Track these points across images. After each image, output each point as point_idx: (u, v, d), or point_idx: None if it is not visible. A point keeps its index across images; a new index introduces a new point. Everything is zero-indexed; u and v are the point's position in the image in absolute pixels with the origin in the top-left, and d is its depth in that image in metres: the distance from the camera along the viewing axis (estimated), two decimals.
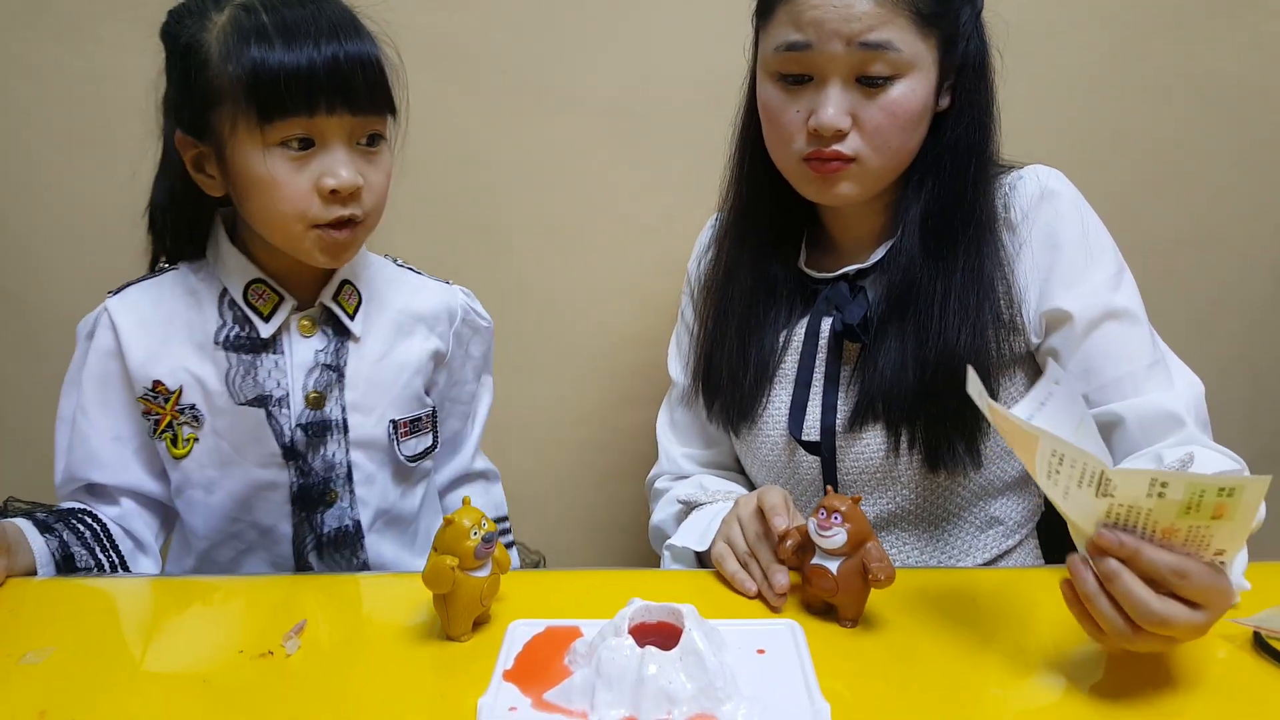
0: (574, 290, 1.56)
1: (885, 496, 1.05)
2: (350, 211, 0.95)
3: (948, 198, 1.00)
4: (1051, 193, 1.01)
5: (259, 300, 1.01)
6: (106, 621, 0.84)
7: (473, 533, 0.76)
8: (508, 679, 0.72)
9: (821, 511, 0.79)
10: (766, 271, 1.09)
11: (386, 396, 1.07)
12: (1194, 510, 0.64)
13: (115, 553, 1.02)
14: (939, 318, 0.98)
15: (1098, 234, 1.02)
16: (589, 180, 1.51)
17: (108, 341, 1.02)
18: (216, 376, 1.01)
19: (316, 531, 1.05)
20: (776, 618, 0.80)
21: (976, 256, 0.99)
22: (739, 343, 1.09)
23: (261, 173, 0.92)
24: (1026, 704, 0.70)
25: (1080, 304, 0.98)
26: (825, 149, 0.97)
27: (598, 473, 1.62)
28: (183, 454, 1.02)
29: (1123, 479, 0.65)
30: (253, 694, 0.72)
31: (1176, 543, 0.66)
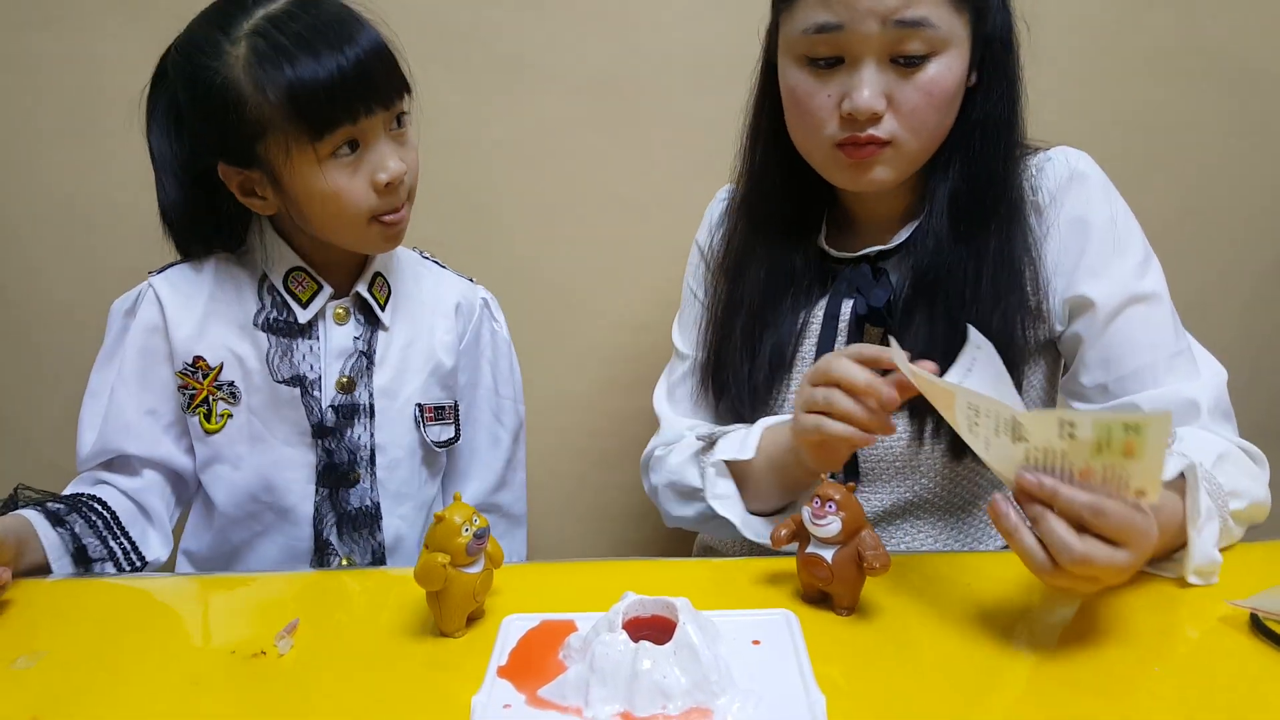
0: (565, 274, 1.55)
1: (906, 485, 1.03)
2: (400, 198, 1.01)
3: (978, 176, 0.97)
4: (1080, 175, 0.99)
5: (298, 287, 1.05)
6: (100, 623, 0.84)
7: (464, 529, 0.75)
8: (502, 675, 0.72)
9: (815, 500, 0.78)
10: (783, 261, 1.06)
11: (412, 383, 1.11)
12: (1105, 449, 0.66)
13: (126, 538, 1.03)
14: (971, 301, 0.95)
15: (1125, 220, 1.00)
16: (580, 161, 1.50)
17: (152, 317, 1.05)
18: (256, 356, 1.04)
19: (339, 510, 1.08)
20: (771, 608, 0.79)
21: (1006, 238, 0.97)
22: (747, 339, 1.06)
23: (323, 187, 0.96)
24: (1023, 689, 0.70)
25: (1105, 292, 0.97)
26: (860, 134, 0.93)
27: (591, 458, 1.62)
28: (216, 429, 1.05)
29: (1033, 422, 0.68)
30: (245, 695, 0.71)
31: (1095, 483, 0.68)
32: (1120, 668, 0.71)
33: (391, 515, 1.12)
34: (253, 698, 0.71)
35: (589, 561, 0.94)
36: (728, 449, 1.02)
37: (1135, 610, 0.79)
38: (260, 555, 1.09)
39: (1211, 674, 0.70)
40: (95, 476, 1.06)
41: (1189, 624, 0.77)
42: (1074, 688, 0.69)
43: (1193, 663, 0.72)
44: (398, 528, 1.12)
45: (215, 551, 1.11)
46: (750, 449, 0.99)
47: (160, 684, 0.73)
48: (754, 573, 0.88)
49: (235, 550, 1.10)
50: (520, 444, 1.27)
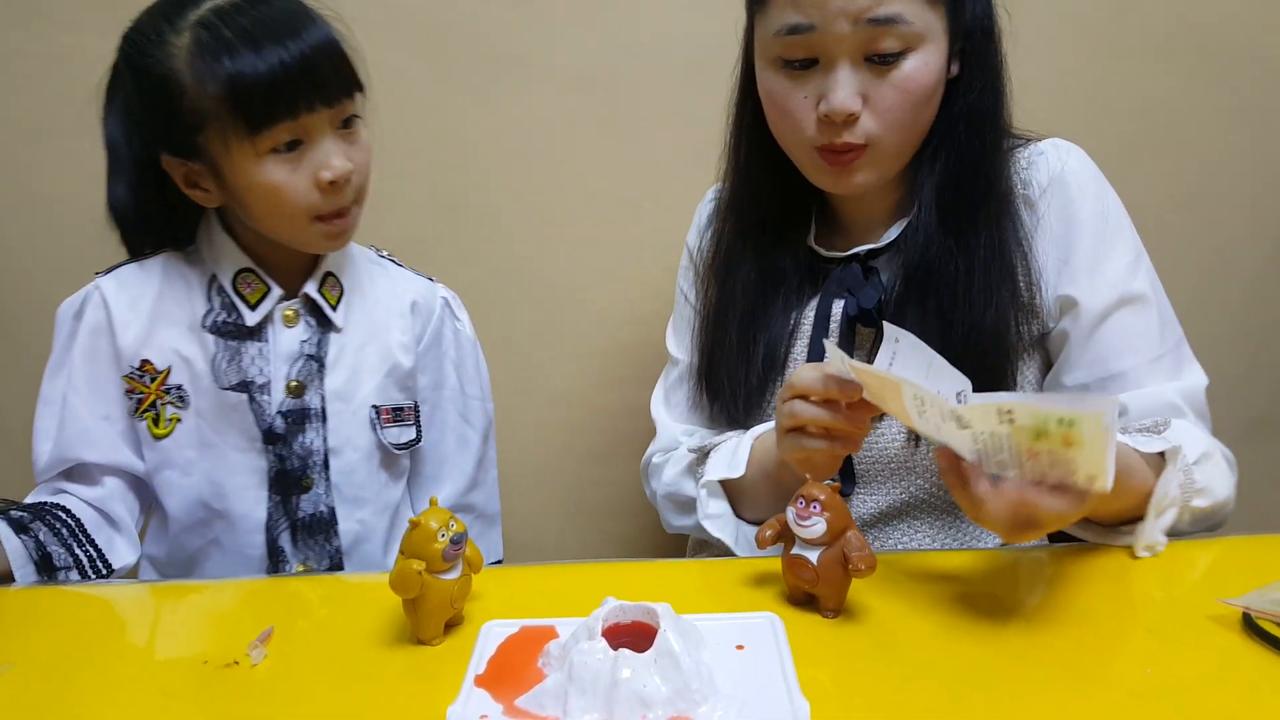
0: (555, 270, 1.53)
1: (901, 486, 1.02)
2: (347, 198, 0.99)
3: (964, 169, 0.96)
4: (1073, 170, 0.98)
5: (247, 289, 1.03)
6: (68, 633, 0.82)
7: (440, 534, 0.73)
8: (479, 684, 0.70)
9: (800, 501, 0.77)
10: (772, 264, 1.05)
11: (368, 385, 1.09)
12: (1044, 437, 0.67)
13: (91, 546, 1.01)
14: (963, 298, 0.94)
15: (1117, 216, 0.99)
16: (570, 156, 1.48)
17: (98, 319, 1.03)
18: (203, 359, 1.02)
19: (291, 517, 1.06)
20: (755, 611, 0.78)
21: (997, 231, 0.95)
22: (740, 342, 1.05)
23: (261, 181, 0.95)
24: (1012, 692, 0.68)
25: (1094, 293, 0.96)
26: (837, 140, 0.92)
27: (580, 454, 1.60)
28: (164, 434, 1.03)
29: (973, 414, 0.69)
30: (217, 707, 0.70)
31: (1043, 464, 0.68)
32: (1111, 669, 0.70)
33: (349, 519, 1.09)
34: (227, 709, 0.69)
35: (570, 564, 0.93)
36: (718, 467, 1.01)
37: (1126, 610, 0.78)
38: (215, 563, 1.07)
39: (1203, 675, 0.69)
40: (55, 486, 1.04)
41: (1180, 623, 0.75)
42: (1064, 690, 0.68)
43: (1184, 664, 0.70)
44: (356, 531, 1.10)
45: (172, 558, 1.09)
46: (740, 465, 0.98)
47: (132, 696, 0.71)
48: (738, 574, 0.86)
49: (191, 558, 1.08)
50: (490, 443, 1.26)
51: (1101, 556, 0.89)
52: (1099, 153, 1.01)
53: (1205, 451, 0.91)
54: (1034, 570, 0.86)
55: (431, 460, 1.20)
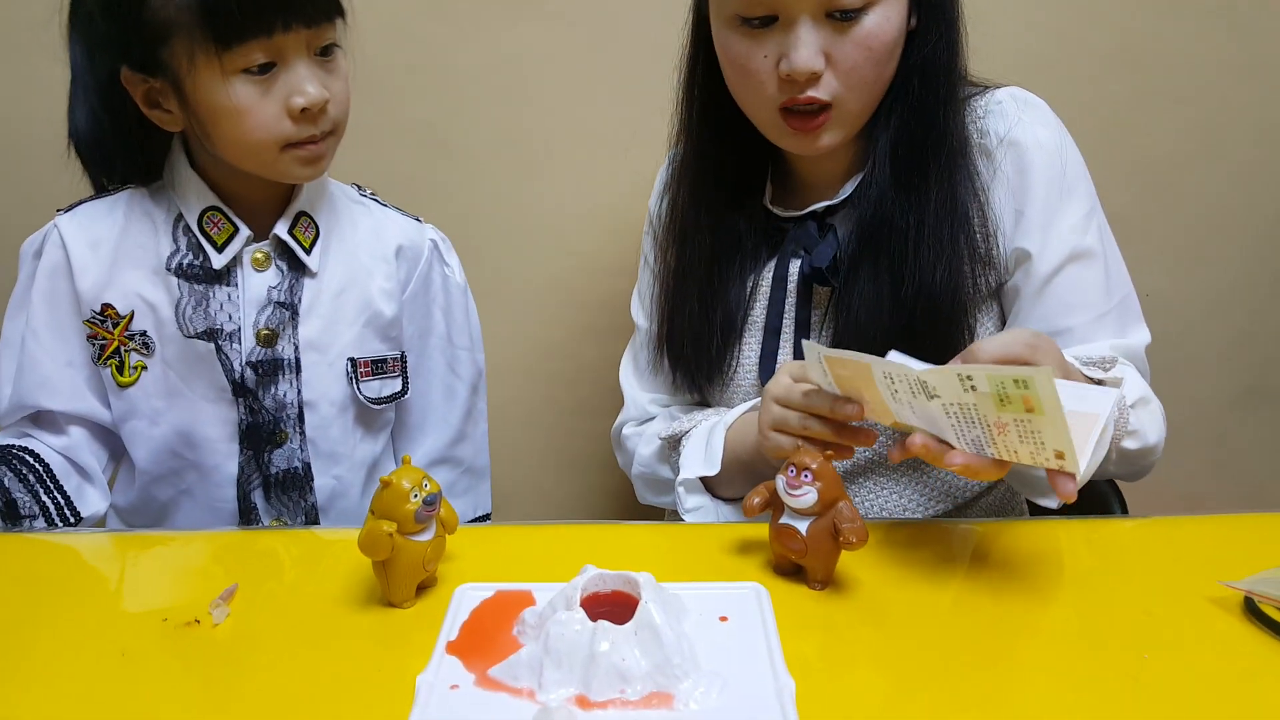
0: (537, 213, 1.48)
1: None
2: (321, 129, 0.93)
3: (917, 123, 0.94)
4: (1031, 120, 0.96)
5: (213, 229, 0.97)
6: (24, 584, 0.79)
7: (413, 495, 0.70)
8: (451, 652, 0.67)
9: (791, 469, 0.73)
10: (727, 227, 1.02)
11: (345, 335, 1.03)
12: (1007, 403, 0.66)
13: (59, 492, 0.97)
14: (913, 254, 0.92)
15: (1075, 167, 0.97)
16: (557, 94, 1.42)
17: (57, 260, 0.97)
18: (169, 304, 0.96)
19: (264, 472, 1.02)
20: (740, 581, 0.75)
21: (949, 185, 0.93)
22: (700, 306, 1.02)
23: (227, 102, 0.89)
24: (1004, 673, 0.66)
25: (1047, 246, 0.94)
26: (800, 95, 0.89)
27: (562, 407, 1.57)
28: (129, 382, 0.98)
29: (937, 378, 0.68)
30: (174, 669, 0.66)
31: (1013, 438, 0.68)
32: (1107, 654, 0.67)
33: (324, 475, 1.05)
34: (184, 671, 0.66)
35: (549, 524, 0.90)
36: (693, 462, 0.99)
37: (1123, 590, 0.76)
38: (185, 515, 1.03)
39: (1203, 661, 0.66)
40: (22, 430, 1.00)
41: (1179, 606, 0.73)
42: (1058, 674, 0.65)
43: (1183, 649, 0.68)
44: (332, 488, 1.06)
45: (141, 508, 1.05)
46: (715, 461, 0.97)
47: (85, 654, 0.68)
48: (724, 541, 0.83)
49: (162, 508, 1.04)
50: (480, 395, 1.20)
51: (1098, 531, 0.86)
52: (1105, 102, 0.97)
53: (1142, 396, 0.91)
54: (1029, 546, 0.84)
55: (416, 410, 1.15)
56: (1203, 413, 1.61)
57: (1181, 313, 1.53)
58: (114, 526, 1.06)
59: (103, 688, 0.64)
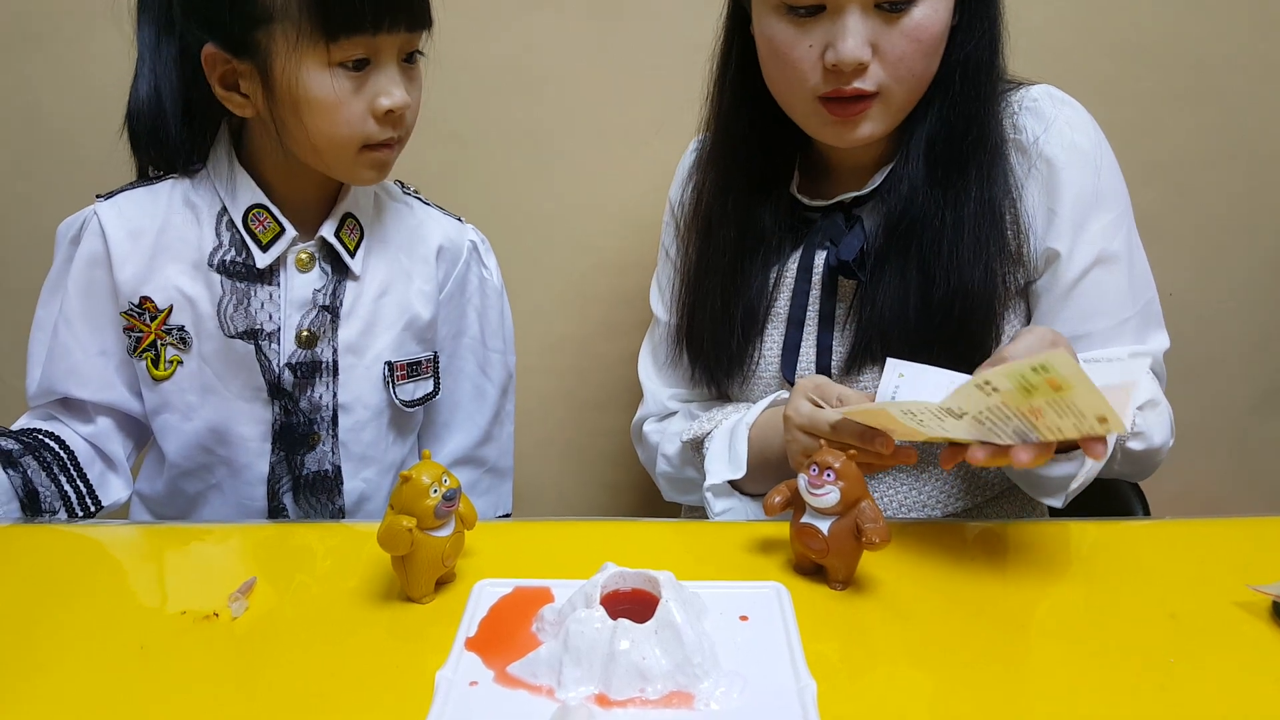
0: (552, 206, 1.47)
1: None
2: (398, 132, 0.93)
3: (957, 120, 0.93)
4: (1066, 120, 0.95)
5: (259, 228, 0.95)
6: (44, 576, 0.79)
7: (432, 490, 0.69)
8: (470, 648, 0.67)
9: (813, 467, 0.73)
10: (753, 217, 1.01)
11: (383, 339, 1.02)
12: (1034, 390, 0.66)
13: (82, 481, 0.97)
14: (948, 252, 0.91)
15: (1109, 170, 0.96)
16: (569, 84, 1.41)
17: (95, 249, 0.96)
18: (209, 300, 0.95)
19: (295, 473, 1.01)
20: (761, 580, 0.74)
21: (988, 185, 0.92)
22: (723, 301, 1.01)
23: (323, 94, 0.88)
24: (1026, 677, 0.65)
25: (1076, 249, 0.94)
26: (845, 87, 0.88)
27: (576, 401, 1.56)
28: (164, 376, 0.97)
29: (958, 400, 0.69)
30: (192, 663, 0.66)
31: (1052, 419, 0.68)
32: (1132, 658, 0.66)
33: (354, 478, 1.04)
34: (202, 665, 0.66)
35: (567, 521, 0.89)
36: (718, 466, 0.97)
37: (1148, 592, 0.75)
38: (213, 510, 1.03)
39: (1230, 666, 0.65)
40: (49, 413, 1.00)
41: (1205, 610, 0.72)
42: (1082, 678, 0.64)
43: (1210, 654, 0.67)
44: (360, 490, 1.05)
45: (169, 500, 1.04)
46: (741, 464, 0.95)
47: (103, 647, 0.68)
48: (744, 539, 0.83)
49: (189, 501, 1.03)
50: (509, 397, 1.19)
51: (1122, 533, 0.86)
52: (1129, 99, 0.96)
53: (1152, 399, 0.90)
54: (1052, 547, 0.83)
55: (444, 410, 1.14)
56: (1224, 414, 1.59)
57: (1202, 313, 1.52)
58: (140, 516, 1.06)
59: (122, 681, 0.64)
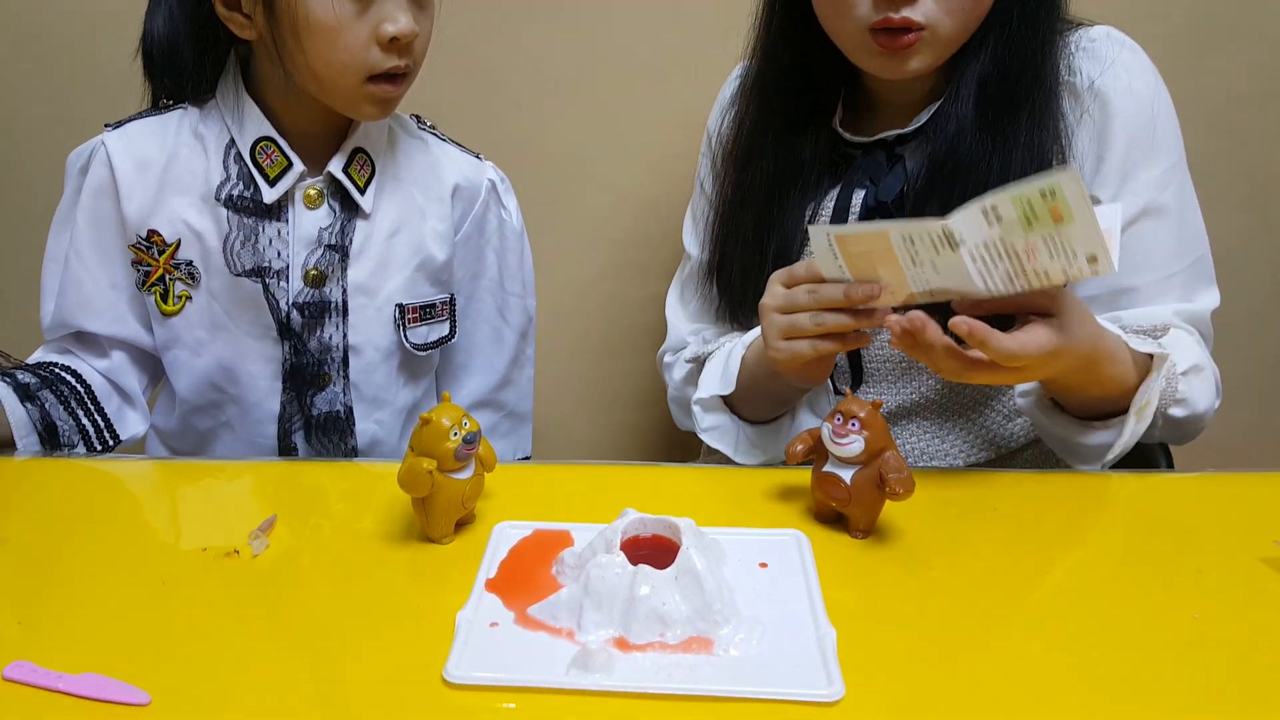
0: (577, 146, 1.44)
1: (910, 387, 0.98)
2: (404, 61, 0.90)
3: (1013, 60, 0.89)
4: (1124, 65, 0.91)
5: (266, 161, 0.94)
6: (66, 509, 0.79)
7: (453, 433, 0.69)
8: (490, 589, 0.67)
9: (838, 417, 0.72)
10: (793, 151, 0.98)
11: (395, 280, 1.00)
12: (1034, 220, 0.68)
13: (100, 415, 0.97)
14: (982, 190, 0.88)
15: (1165, 119, 0.92)
16: (591, 17, 1.37)
17: (103, 179, 0.95)
18: (216, 235, 0.94)
19: (305, 413, 1.01)
20: (781, 528, 0.74)
21: (1038, 129, 0.89)
22: (756, 234, 0.99)
23: (323, 16, 0.85)
24: (1046, 628, 0.65)
25: (1121, 199, 0.90)
26: (895, 15, 0.84)
27: (601, 345, 1.55)
28: (173, 311, 0.96)
29: (961, 222, 0.70)
30: (212, 599, 0.67)
31: (1043, 258, 0.70)
32: (1156, 613, 0.66)
33: (366, 420, 1.03)
34: (220, 603, 0.66)
35: (586, 465, 0.89)
36: (710, 382, 0.98)
37: (1173, 548, 0.74)
38: (225, 446, 1.02)
39: (1256, 623, 0.65)
40: (64, 347, 0.99)
41: (1231, 566, 0.71)
42: (1104, 633, 0.64)
43: (1236, 610, 0.66)
44: (373, 432, 1.04)
45: (181, 435, 1.04)
46: (731, 380, 0.95)
47: (126, 582, 0.68)
48: (764, 486, 0.82)
49: (201, 437, 1.03)
50: (529, 341, 1.17)
51: (1147, 487, 0.85)
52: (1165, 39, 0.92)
53: (1196, 364, 0.89)
54: (1076, 499, 0.82)
55: (462, 352, 1.13)
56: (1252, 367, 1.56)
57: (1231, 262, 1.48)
58: (156, 450, 1.07)
59: (143, 616, 0.65)
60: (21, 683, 0.58)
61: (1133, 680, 0.59)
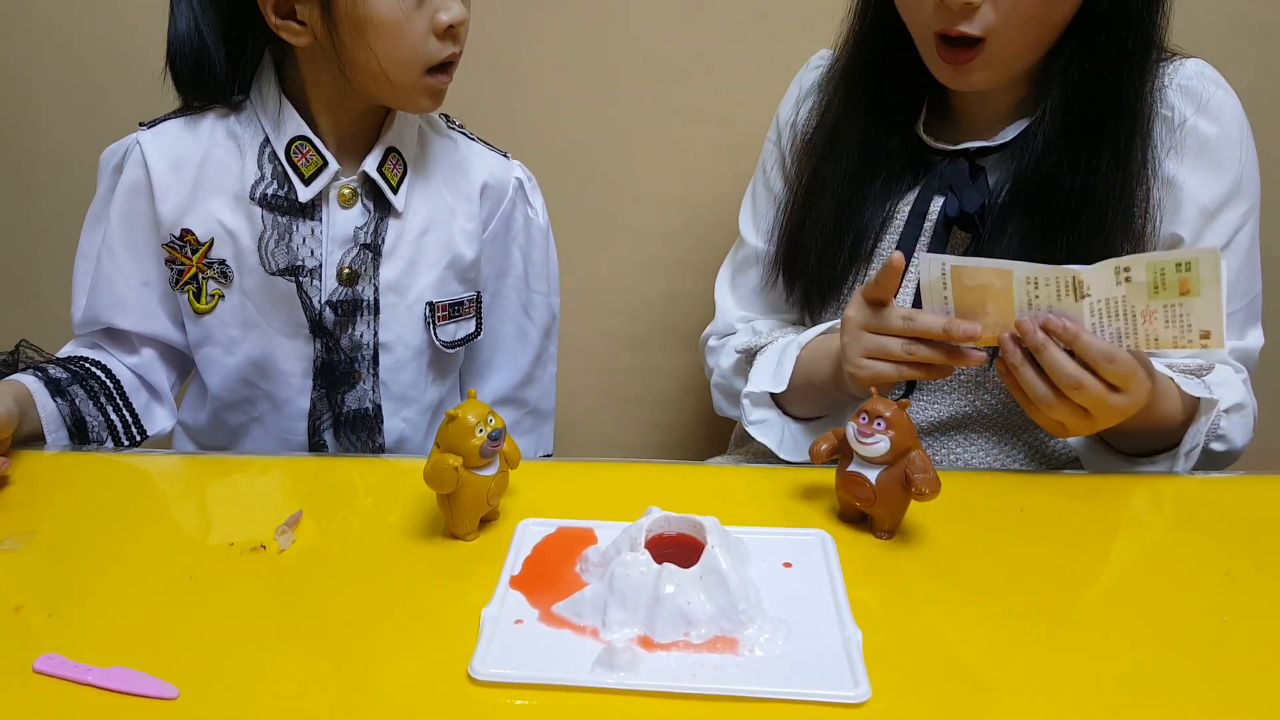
0: (602, 143, 1.43)
1: (966, 399, 0.98)
2: (457, 49, 0.92)
3: (1099, 79, 0.87)
4: (1218, 104, 0.90)
5: (301, 160, 0.94)
6: (94, 503, 0.80)
7: (478, 430, 0.69)
8: (514, 586, 0.67)
9: (863, 415, 0.71)
10: (878, 142, 0.97)
11: (425, 278, 1.01)
12: (1161, 289, 0.71)
13: (129, 410, 0.98)
14: (1073, 219, 0.88)
15: (1250, 161, 0.92)
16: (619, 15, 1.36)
17: (137, 178, 0.95)
18: (250, 234, 0.95)
19: (335, 410, 1.01)
20: (805, 527, 0.74)
21: (1124, 156, 0.88)
22: (835, 224, 0.98)
23: (388, 13, 0.86)
24: (1075, 626, 0.64)
25: (1204, 239, 0.91)
26: (953, 29, 0.84)
27: (621, 341, 1.55)
28: (206, 309, 0.97)
29: (1092, 275, 0.73)
30: (239, 593, 0.67)
31: (1158, 324, 0.73)
32: (1184, 616, 0.65)
33: (394, 417, 1.04)
34: (246, 598, 0.67)
35: (610, 462, 0.89)
36: (762, 377, 0.98)
37: (1202, 549, 0.73)
38: (255, 442, 1.03)
39: None
40: (94, 342, 1.00)
41: (1262, 569, 0.70)
42: (1131, 635, 0.63)
43: (1265, 614, 0.66)
44: (400, 430, 1.05)
45: (211, 430, 1.05)
46: (784, 379, 0.95)
47: (151, 577, 0.69)
48: (788, 485, 0.82)
49: (232, 432, 1.04)
50: (552, 339, 1.18)
51: (1176, 488, 0.84)
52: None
53: (1239, 403, 0.91)
54: (1104, 500, 0.82)
55: (486, 348, 1.13)
56: None
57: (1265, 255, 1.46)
58: (183, 446, 1.08)
59: (171, 610, 0.65)
60: (51, 675, 0.58)
61: (1160, 683, 0.59)
